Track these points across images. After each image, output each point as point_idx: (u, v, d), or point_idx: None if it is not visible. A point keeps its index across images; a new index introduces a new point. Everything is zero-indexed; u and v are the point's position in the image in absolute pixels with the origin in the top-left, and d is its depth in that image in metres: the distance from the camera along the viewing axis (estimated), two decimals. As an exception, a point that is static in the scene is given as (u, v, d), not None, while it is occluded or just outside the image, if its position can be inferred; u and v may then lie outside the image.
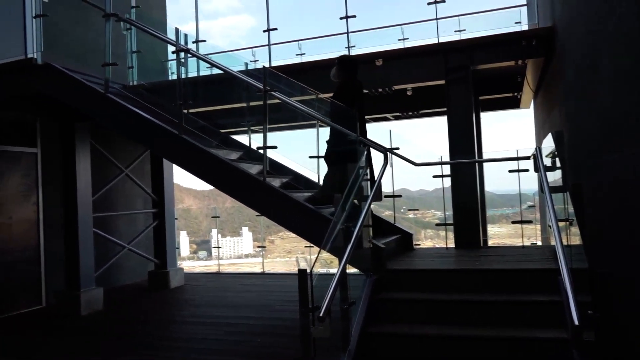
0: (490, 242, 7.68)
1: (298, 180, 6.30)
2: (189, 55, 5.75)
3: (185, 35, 6.48)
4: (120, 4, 6.41)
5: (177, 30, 5.27)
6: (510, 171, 5.72)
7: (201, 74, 7.11)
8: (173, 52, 5.36)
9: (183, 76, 5.51)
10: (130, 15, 6.90)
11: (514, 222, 6.05)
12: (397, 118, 8.60)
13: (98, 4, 5.66)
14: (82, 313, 6.58)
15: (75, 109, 5.95)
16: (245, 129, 6.77)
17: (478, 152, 7.09)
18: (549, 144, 5.20)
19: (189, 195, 41.93)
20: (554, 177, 4.93)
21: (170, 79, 8.10)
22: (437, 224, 6.41)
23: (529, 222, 6.10)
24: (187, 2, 8.04)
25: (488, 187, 7.97)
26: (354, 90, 5.33)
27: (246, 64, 7.34)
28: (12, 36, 6.53)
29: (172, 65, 8.20)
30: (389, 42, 7.20)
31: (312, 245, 6.06)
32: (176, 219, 9.23)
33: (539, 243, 7.28)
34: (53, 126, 7.28)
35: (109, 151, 7.76)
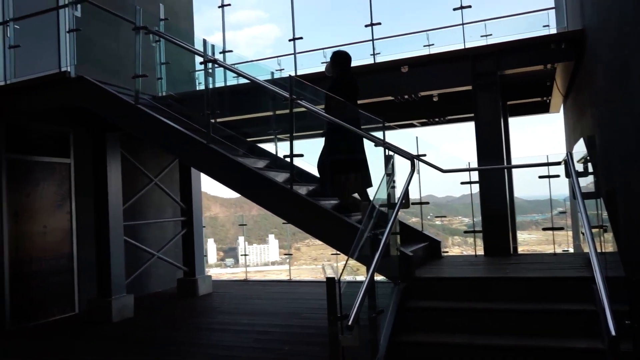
0: (520, 250, 7.53)
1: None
2: (216, 65, 5.84)
3: (213, 46, 6.60)
4: (150, 17, 6.57)
5: (204, 41, 5.37)
6: (540, 177, 5.62)
7: (228, 83, 7.21)
8: (201, 63, 5.46)
9: (210, 86, 5.59)
10: (159, 27, 7.06)
11: (544, 229, 5.92)
12: (423, 124, 8.54)
13: (128, 17, 5.80)
14: (114, 320, 6.70)
15: (106, 120, 6.10)
16: (272, 137, 6.82)
17: (506, 157, 6.98)
18: (580, 149, 5.09)
19: (216, 203, 42.36)
20: (586, 182, 4.82)
21: (197, 89, 8.24)
22: (466, 231, 6.33)
23: (561, 228, 5.97)
24: (213, 13, 8.20)
25: (517, 193, 7.84)
26: (347, 85, 5.44)
27: (272, 73, 7.40)
28: (47, 51, 6.76)
29: (200, 75, 8.36)
30: (414, 49, 7.18)
31: (338, 252, 6.06)
32: (204, 227, 9.34)
33: (571, 250, 7.11)
34: (85, 137, 7.48)
35: (139, 161, 7.92)
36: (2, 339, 6.11)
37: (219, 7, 7.94)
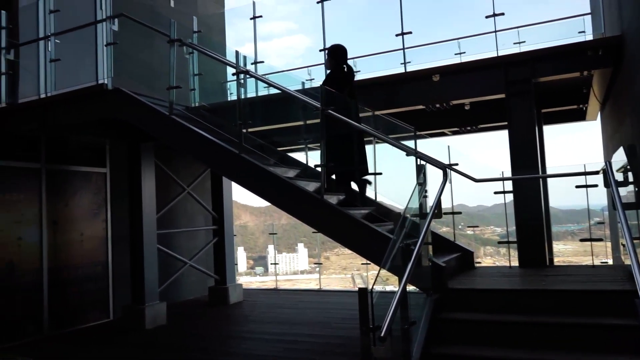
0: (555, 261, 7.34)
1: (355, 198, 6.28)
2: (248, 76, 5.91)
3: (245, 57, 6.69)
4: (184, 30, 6.71)
5: (237, 53, 5.46)
6: (577, 187, 5.47)
7: (259, 94, 7.29)
8: (233, 74, 5.54)
9: (242, 97, 5.65)
10: (192, 39, 7.20)
11: (582, 240, 5.75)
12: (454, 133, 8.44)
13: (163, 30, 5.94)
14: (147, 327, 6.80)
15: (141, 131, 6.23)
16: (302, 146, 6.85)
17: (541, 166, 6.82)
18: (620, 157, 4.93)
19: (246, 211, 42.74)
20: (626, 192, 4.67)
21: (229, 99, 8.36)
22: (500, 242, 6.21)
23: (599, 240, 5.78)
24: (244, 25, 8.32)
25: (551, 203, 7.65)
26: (343, 77, 5.64)
27: (303, 83, 7.46)
28: (85, 64, 6.98)
29: (231, 86, 8.48)
30: (445, 57, 7.09)
31: (368, 262, 6.02)
32: (234, 235, 9.43)
33: (610, 262, 6.88)
34: (121, 147, 7.67)
35: (172, 170, 8.07)
36: (40, 344, 6.29)
37: (251, 19, 8.05)
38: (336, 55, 5.77)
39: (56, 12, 6.53)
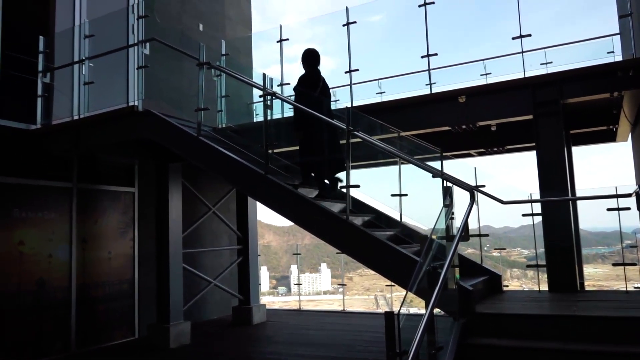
0: (586, 285, 7.14)
1: (379, 219, 6.26)
2: (274, 97, 6.00)
3: (271, 79, 6.79)
4: (211, 53, 6.87)
5: (264, 75, 5.54)
6: (609, 209, 5.35)
7: (285, 115, 7.37)
8: (260, 96, 5.61)
9: (268, 118, 5.72)
10: (220, 62, 7.36)
11: (615, 265, 5.60)
12: (480, 154, 8.36)
13: (193, 53, 6.09)
14: (172, 346, 6.83)
15: (169, 151, 6.36)
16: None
17: (571, 188, 6.70)
18: (653, 180, 4.82)
19: (269, 231, 42.87)
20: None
21: (255, 120, 8.47)
22: (528, 265, 6.08)
23: (633, 264, 5.61)
24: (270, 48, 8.47)
25: (581, 225, 7.47)
26: (315, 79, 5.95)
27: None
28: (116, 86, 7.19)
29: (257, 106, 8.61)
30: (470, 78, 7.06)
31: (392, 284, 5.95)
32: (258, 255, 9.46)
33: (645, 287, 6.66)
34: (149, 167, 7.82)
35: (198, 189, 8.17)
36: (67, 361, 6.37)
37: (277, 41, 8.19)
38: (308, 60, 6.07)
39: (91, 37, 6.75)
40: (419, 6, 7.00)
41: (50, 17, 7.20)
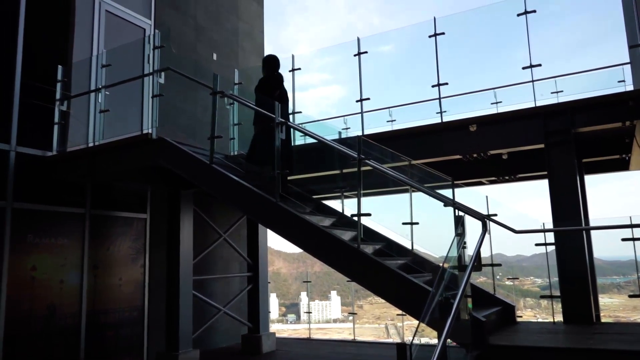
0: (602, 315, 6.99)
1: (390, 247, 6.22)
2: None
3: (283, 108, 6.86)
4: (225, 82, 7.00)
5: (276, 104, 5.60)
6: (623, 239, 5.27)
7: (297, 142, 7.43)
8: (271, 124, 5.67)
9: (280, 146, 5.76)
10: (233, 91, 7.47)
11: (631, 296, 5.49)
12: (492, 182, 8.33)
13: (207, 82, 6.20)
14: (180, 375, 6.77)
15: (182, 178, 6.41)
16: (338, 194, 6.88)
17: (584, 217, 6.63)
18: (668, 210, 4.76)
19: (279, 257, 42.70)
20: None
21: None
22: (542, 296, 5.98)
23: (651, 296, 5.50)
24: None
25: (595, 254, 7.36)
26: (273, 83, 6.41)
27: (339, 133, 7.57)
28: (131, 114, 7.32)
29: (269, 134, 8.68)
30: (481, 107, 7.10)
31: (404, 313, 5.88)
32: (268, 282, 9.41)
33: (663, 319, 6.51)
34: (161, 193, 7.89)
35: (209, 216, 8.21)
36: (76, 388, 6.32)
37: (290, 71, 8.33)
38: (268, 65, 6.55)
39: (107, 67, 6.91)
40: (429, 36, 7.10)
41: (69, 47, 7.39)
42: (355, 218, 5.08)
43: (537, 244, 5.65)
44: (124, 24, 8.19)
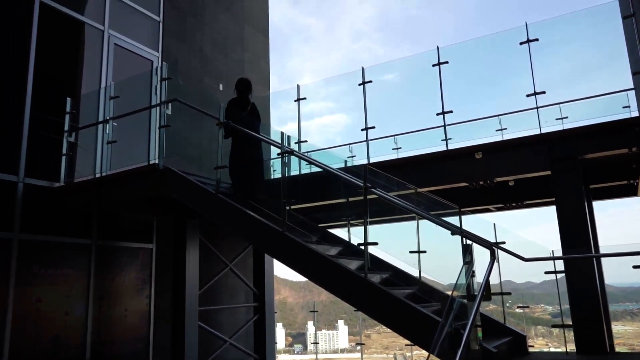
0: (616, 343, 6.83)
1: (397, 276, 6.16)
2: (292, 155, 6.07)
3: (289, 137, 6.90)
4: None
5: (282, 134, 5.65)
6: (634, 267, 5.19)
7: (302, 171, 7.45)
8: (278, 154, 5.70)
9: (286, 175, 5.78)
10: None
11: (645, 325, 5.37)
12: (499, 209, 8.29)
13: (213, 113, 6.26)
14: (185, 408, 6.63)
15: (188, 207, 6.42)
16: (345, 222, 6.85)
17: (593, 243, 6.55)
18: (679, 237, 4.70)
19: (285, 286, 42.33)
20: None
21: (273, 177, 8.56)
22: (554, 325, 5.87)
23: (666, 324, 5.39)
24: (287, 106, 8.74)
25: (607, 280, 7.25)
26: (242, 102, 6.70)
27: (345, 162, 7.57)
28: (137, 144, 7.38)
29: (275, 162, 8.72)
30: (486, 134, 7.11)
31: (412, 343, 5.77)
32: (275, 312, 9.30)
33: (679, 349, 6.36)
34: (167, 223, 7.88)
35: (215, 245, 8.18)
36: (79, 423, 6.20)
37: (295, 100, 8.43)
38: (238, 86, 6.88)
39: (115, 98, 7.01)
40: (433, 65, 7.17)
41: (77, 80, 7.52)
42: (362, 247, 5.04)
43: (546, 272, 5.58)
44: (132, 56, 8.34)
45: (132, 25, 8.44)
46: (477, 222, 8.10)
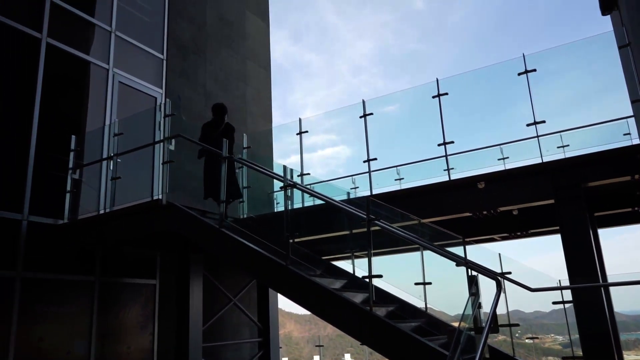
0: (629, 376, 6.67)
1: (403, 308, 6.09)
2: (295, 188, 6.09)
3: (291, 170, 6.95)
4: (235, 146, 7.10)
5: (285, 168, 5.68)
6: (644, 295, 5.12)
7: (305, 203, 7.45)
8: (281, 188, 5.72)
9: (289, 208, 5.79)
10: (242, 155, 7.59)
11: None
12: (504, 239, 8.23)
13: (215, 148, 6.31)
14: None
15: (191, 242, 6.40)
16: (348, 254, 6.82)
17: (600, 271, 6.47)
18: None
19: (290, 319, 41.74)
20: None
21: (276, 210, 8.57)
22: (564, 357, 5.75)
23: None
24: (289, 139, 8.81)
25: (616, 308, 7.13)
26: (216, 123, 7.17)
27: (348, 194, 7.60)
28: (141, 180, 7.42)
29: (278, 195, 8.74)
30: (488, 164, 7.13)
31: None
32: (280, 347, 9.15)
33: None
34: (170, 258, 7.85)
35: (219, 279, 8.12)
36: None
37: (297, 134, 8.50)
38: (214, 111, 7.34)
39: (119, 135, 7.09)
40: (433, 97, 7.26)
41: (82, 117, 7.62)
42: (367, 280, 5.00)
43: (554, 302, 5.51)
44: (136, 93, 8.48)
45: (136, 63, 8.61)
46: (482, 252, 8.04)
